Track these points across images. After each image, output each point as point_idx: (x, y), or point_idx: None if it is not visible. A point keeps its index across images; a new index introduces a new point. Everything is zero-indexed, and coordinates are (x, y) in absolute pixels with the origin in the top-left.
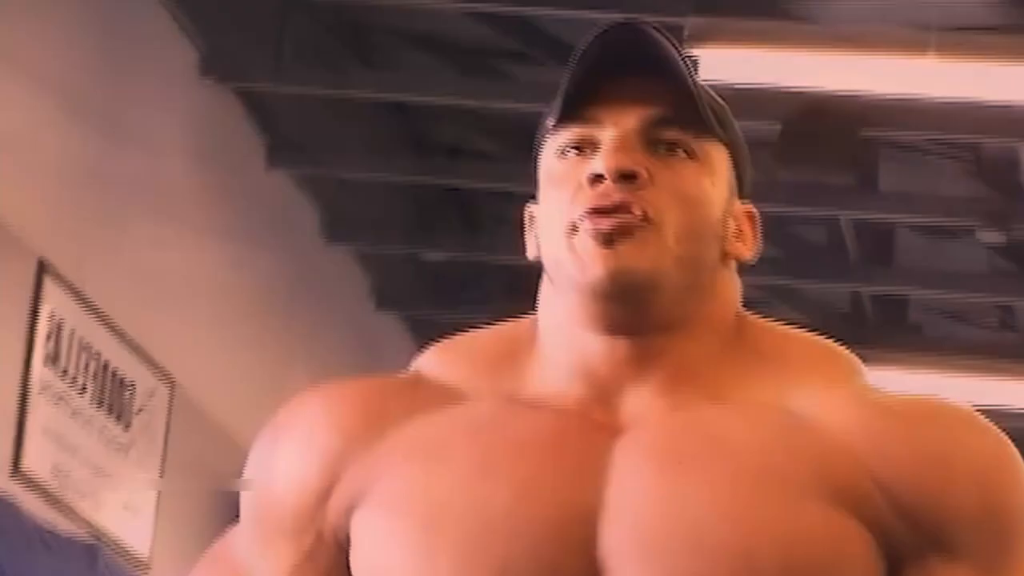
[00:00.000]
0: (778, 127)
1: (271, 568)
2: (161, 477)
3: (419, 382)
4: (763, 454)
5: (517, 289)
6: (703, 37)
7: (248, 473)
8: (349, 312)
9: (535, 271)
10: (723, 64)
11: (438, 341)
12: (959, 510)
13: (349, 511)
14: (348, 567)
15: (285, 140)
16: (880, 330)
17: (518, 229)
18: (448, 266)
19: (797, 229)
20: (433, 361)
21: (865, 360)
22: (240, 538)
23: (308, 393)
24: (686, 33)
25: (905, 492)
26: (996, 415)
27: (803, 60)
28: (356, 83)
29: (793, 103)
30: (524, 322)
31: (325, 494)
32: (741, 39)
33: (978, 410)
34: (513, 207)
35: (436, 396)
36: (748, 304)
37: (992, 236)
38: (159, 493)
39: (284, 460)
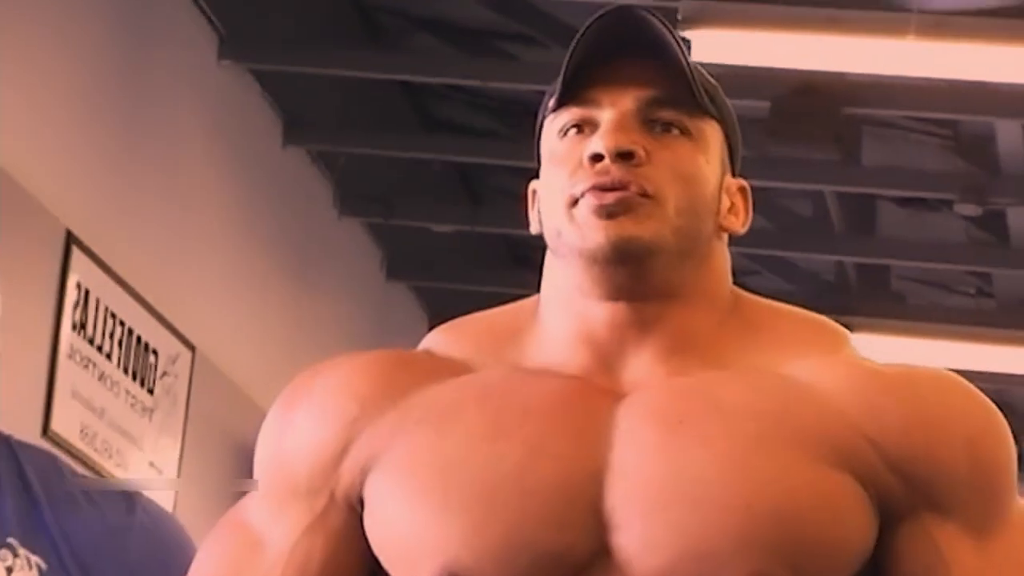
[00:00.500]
0: (767, 105)
1: (284, 529)
2: (183, 438)
3: (430, 356)
4: (760, 414)
5: (518, 258)
6: (696, 20)
7: (263, 439)
8: (361, 281)
9: (535, 242)
10: (715, 46)
11: (445, 308)
12: (949, 468)
13: (363, 474)
14: (358, 531)
15: (300, 118)
16: (863, 298)
17: (520, 202)
18: (454, 237)
19: (785, 202)
20: (440, 339)
21: (849, 327)
22: (253, 503)
23: (323, 364)
24: (680, 16)
25: (898, 450)
26: (975, 379)
27: (791, 42)
28: (367, 64)
29: (781, 83)
30: (526, 302)
31: (339, 456)
32: (732, 22)
33: (957, 374)
34: (515, 181)
35: (446, 367)
36: (738, 273)
37: (969, 208)
38: (181, 453)
39: (300, 424)
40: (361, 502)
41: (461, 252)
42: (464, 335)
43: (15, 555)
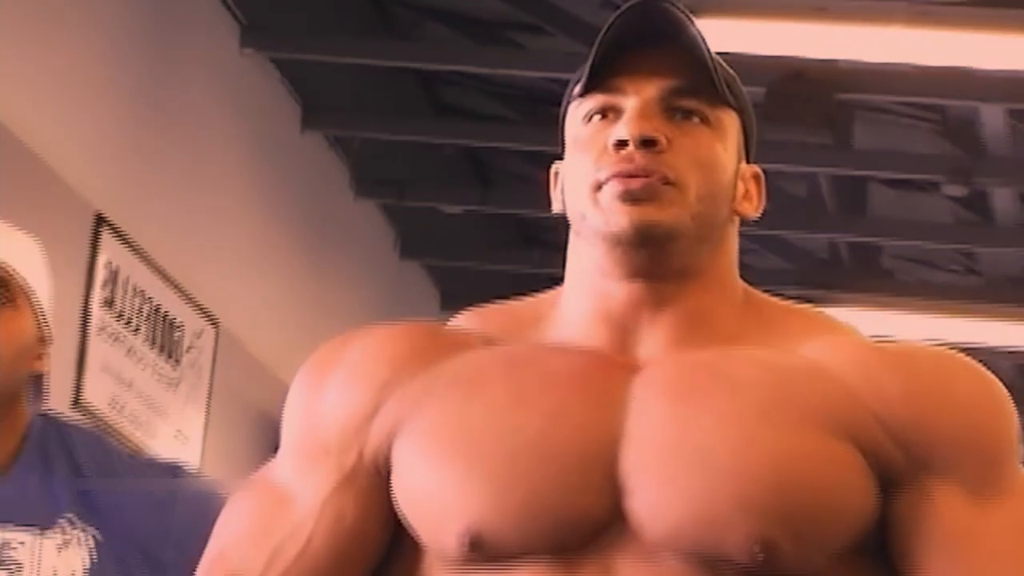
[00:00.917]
0: (762, 92)
1: (314, 487)
2: (207, 408)
3: (458, 330)
4: (766, 387)
5: (526, 238)
6: (697, 10)
7: (292, 402)
8: (375, 260)
9: (543, 222)
10: (714, 34)
11: (456, 286)
12: (949, 435)
13: (390, 437)
14: (384, 492)
15: (317, 104)
16: (855, 275)
17: (528, 184)
18: (465, 218)
19: (780, 184)
20: (466, 321)
21: (841, 303)
22: (280, 464)
23: (353, 333)
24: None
25: (899, 420)
26: (961, 352)
27: (785, 30)
28: (381, 52)
29: (776, 70)
30: (546, 294)
31: (369, 418)
32: (729, 11)
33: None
34: (523, 164)
35: (472, 341)
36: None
37: (956, 189)
38: (206, 423)
39: (332, 387)
40: (387, 464)
41: (471, 232)
42: (489, 319)
43: (71, 529)
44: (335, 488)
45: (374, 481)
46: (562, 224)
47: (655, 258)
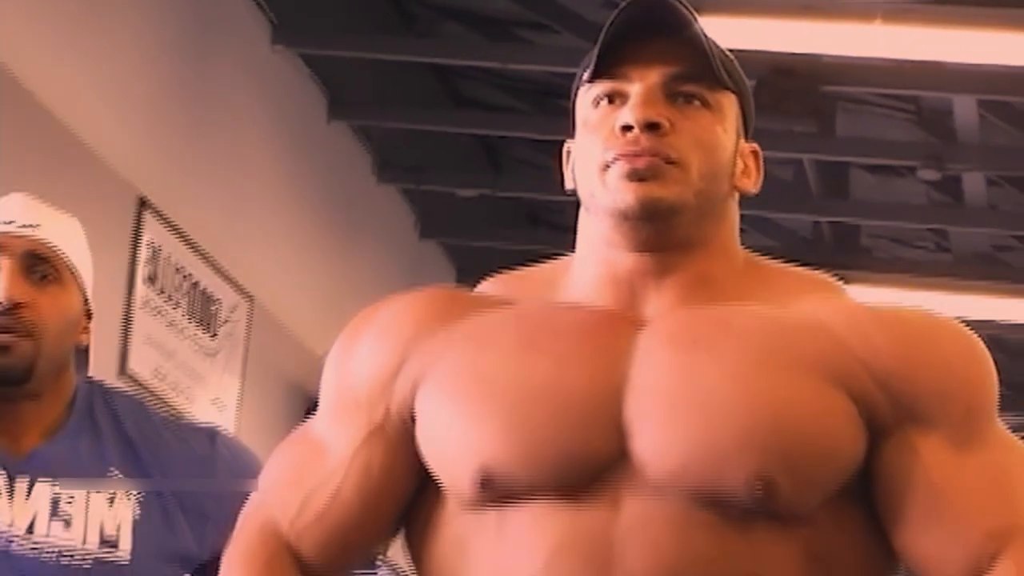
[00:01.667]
0: (754, 84)
1: (346, 439)
2: (243, 377)
3: (477, 294)
4: (765, 337)
5: (533, 218)
6: (694, 8)
7: (329, 365)
8: (396, 239)
9: (549, 204)
10: (709, 31)
11: (471, 262)
12: (933, 386)
13: (414, 389)
14: (411, 444)
15: (343, 97)
16: (837, 253)
17: (535, 170)
18: (478, 201)
19: (768, 168)
20: (486, 286)
21: None
22: (317, 420)
23: (384, 300)
24: None
25: (886, 370)
26: None
27: (775, 28)
28: (401, 48)
29: (764, 64)
30: (559, 260)
31: (395, 372)
32: (725, 10)
33: None
34: (531, 151)
35: (490, 302)
36: None
37: (930, 174)
38: (241, 390)
39: (363, 347)
40: (412, 415)
41: (484, 213)
42: (506, 283)
43: (118, 485)
44: (365, 440)
45: (401, 433)
46: (566, 206)
47: (660, 231)
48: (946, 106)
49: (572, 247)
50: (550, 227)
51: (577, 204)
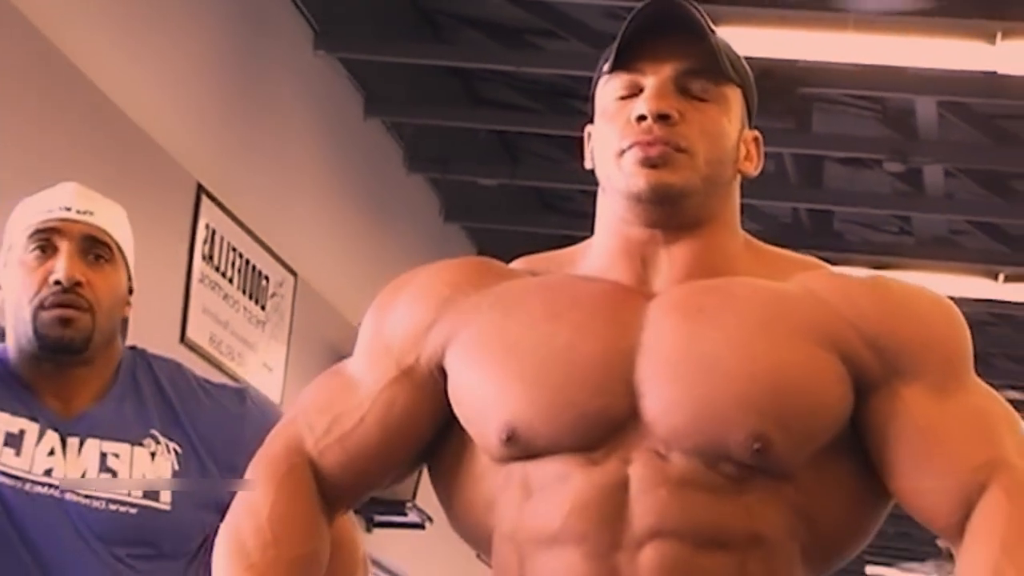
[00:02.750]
0: None
1: (376, 377)
2: (288, 343)
3: (507, 266)
4: (764, 306)
5: (547, 205)
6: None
7: (368, 317)
8: (424, 224)
9: (561, 192)
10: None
11: (491, 244)
12: (915, 342)
13: (444, 346)
14: (435, 393)
15: (377, 96)
16: (812, 236)
17: (548, 162)
18: (497, 189)
19: None
20: (517, 264)
21: None
22: (352, 360)
23: (423, 266)
24: None
25: (873, 330)
26: None
27: (756, 35)
28: (428, 53)
29: (749, 68)
30: (579, 245)
31: (428, 328)
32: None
33: None
34: (544, 145)
35: (518, 273)
36: None
37: (894, 166)
38: (287, 356)
39: (401, 303)
40: (441, 369)
41: (502, 200)
42: (532, 261)
43: (157, 442)
44: (392, 380)
45: (426, 382)
46: (576, 194)
47: (669, 212)
48: (909, 106)
49: (581, 231)
50: (561, 213)
51: (585, 193)
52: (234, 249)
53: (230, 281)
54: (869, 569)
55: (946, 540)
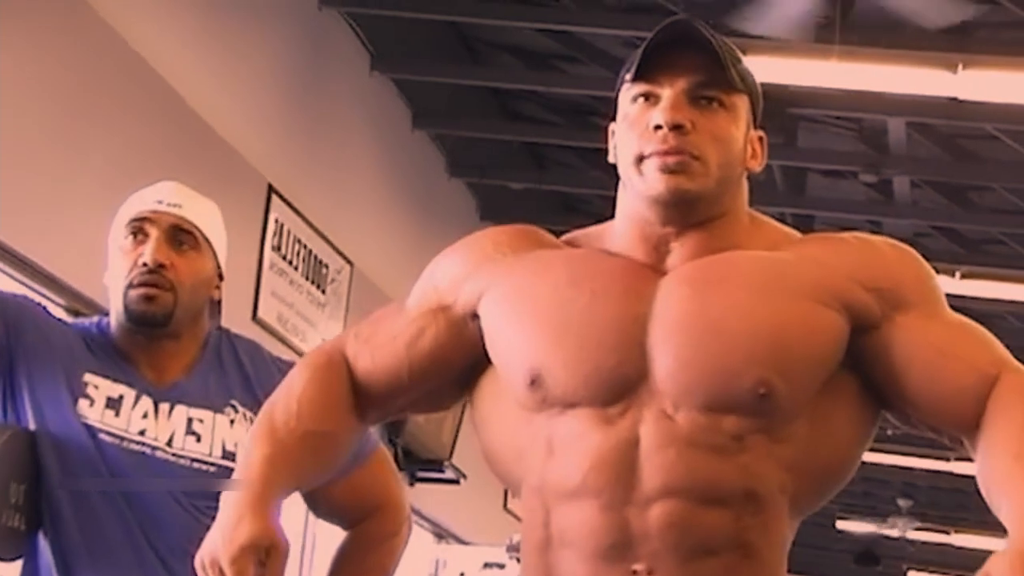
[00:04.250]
0: None
1: (417, 308)
2: (344, 323)
3: (545, 236)
4: (765, 272)
5: (568, 207)
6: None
7: (431, 264)
8: (463, 222)
9: (582, 196)
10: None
11: None
12: (905, 281)
13: (480, 294)
14: (465, 333)
15: (424, 111)
16: None
17: (571, 170)
18: (526, 192)
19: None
20: (562, 238)
21: None
22: (409, 296)
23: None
24: None
25: (869, 276)
26: None
27: (751, 63)
28: (468, 74)
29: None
30: (606, 224)
31: (468, 276)
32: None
33: None
34: (568, 155)
35: (552, 243)
36: None
37: (869, 177)
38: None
39: (451, 258)
40: (474, 314)
41: (531, 203)
42: (572, 237)
43: (236, 411)
44: (428, 311)
45: (459, 322)
46: (595, 198)
47: (685, 212)
48: (882, 126)
49: (601, 224)
50: (583, 214)
51: (602, 198)
52: (299, 241)
53: (295, 268)
54: (840, 523)
55: (964, 435)
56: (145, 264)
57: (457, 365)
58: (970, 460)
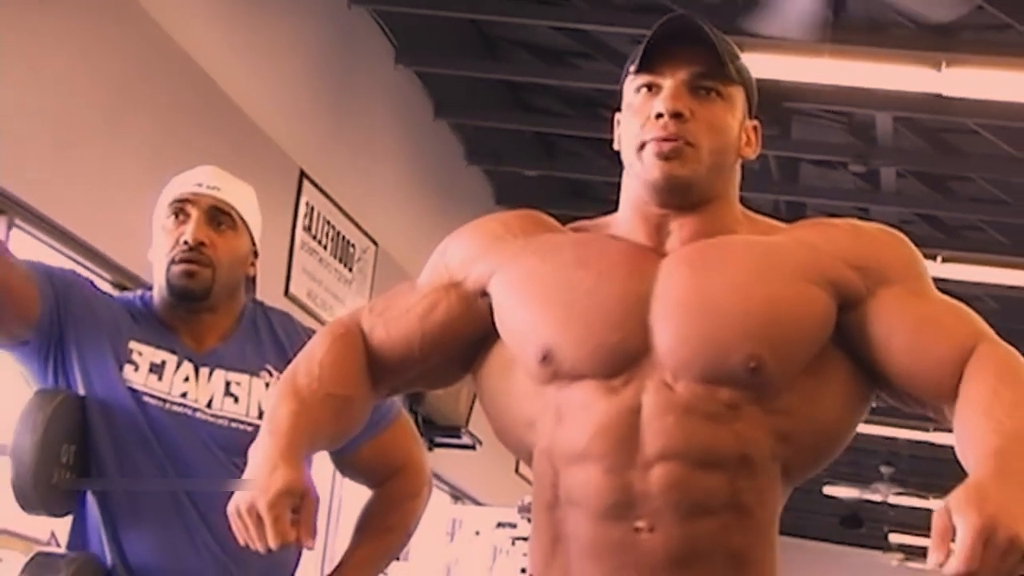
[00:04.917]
0: None
1: (429, 283)
2: (369, 299)
3: (553, 222)
4: (758, 255)
5: (577, 193)
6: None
7: (443, 242)
8: (480, 207)
9: (589, 182)
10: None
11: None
12: (891, 260)
13: (489, 275)
14: (475, 310)
15: (444, 102)
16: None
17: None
18: (538, 179)
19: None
20: (569, 226)
21: None
22: (422, 273)
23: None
24: None
25: (855, 255)
26: None
27: (748, 59)
28: (487, 69)
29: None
30: (611, 215)
31: (479, 257)
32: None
33: None
34: (578, 145)
35: (560, 228)
36: None
37: (857, 167)
38: None
39: (462, 238)
40: (484, 293)
41: (542, 189)
42: (580, 224)
43: (271, 375)
44: (440, 287)
45: (469, 298)
46: (602, 185)
47: (679, 196)
48: (870, 120)
49: (605, 215)
50: (589, 199)
51: (608, 184)
52: (328, 222)
53: (324, 248)
54: (827, 489)
55: (945, 404)
56: (186, 242)
57: (466, 339)
58: (948, 431)
